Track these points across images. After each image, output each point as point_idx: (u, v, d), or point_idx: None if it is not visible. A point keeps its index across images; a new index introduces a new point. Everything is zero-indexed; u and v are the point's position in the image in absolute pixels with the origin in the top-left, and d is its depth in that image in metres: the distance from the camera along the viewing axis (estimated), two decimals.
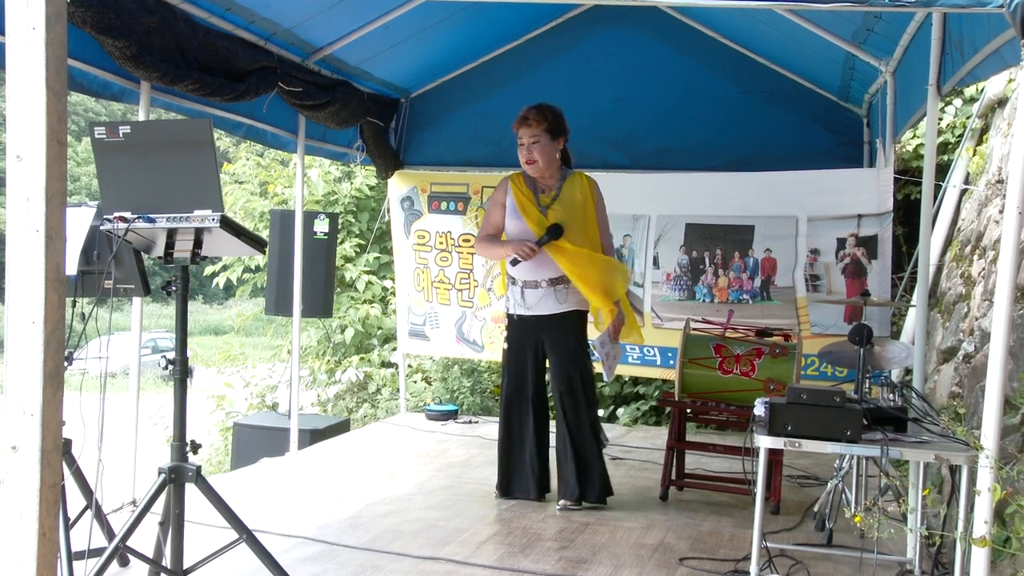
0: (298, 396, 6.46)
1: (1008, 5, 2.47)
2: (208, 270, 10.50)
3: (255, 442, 6.67)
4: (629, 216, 6.57)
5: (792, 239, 6.11)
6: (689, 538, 4.25)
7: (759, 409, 3.32)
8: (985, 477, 2.54)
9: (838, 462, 4.25)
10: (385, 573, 3.66)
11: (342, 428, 7.05)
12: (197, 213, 2.86)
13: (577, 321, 4.65)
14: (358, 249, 9.98)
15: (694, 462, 5.48)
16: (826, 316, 6.00)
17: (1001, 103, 6.08)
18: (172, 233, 2.94)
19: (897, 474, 4.94)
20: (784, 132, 6.39)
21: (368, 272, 9.78)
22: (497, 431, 4.83)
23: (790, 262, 6.13)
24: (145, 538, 3.09)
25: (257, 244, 3.11)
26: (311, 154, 6.99)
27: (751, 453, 3.28)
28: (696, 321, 5.22)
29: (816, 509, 4.47)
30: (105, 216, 2.92)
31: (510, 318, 4.73)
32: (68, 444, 3.10)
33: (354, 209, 10.21)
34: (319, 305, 7.14)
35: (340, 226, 9.59)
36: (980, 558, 2.56)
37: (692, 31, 6.48)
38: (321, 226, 7.04)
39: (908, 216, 7.05)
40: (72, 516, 3.18)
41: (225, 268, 10.37)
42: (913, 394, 3.61)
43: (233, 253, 7.39)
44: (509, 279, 4.72)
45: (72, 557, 2.97)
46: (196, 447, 3.04)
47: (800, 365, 4.79)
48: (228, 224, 2.90)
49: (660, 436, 6.11)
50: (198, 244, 2.95)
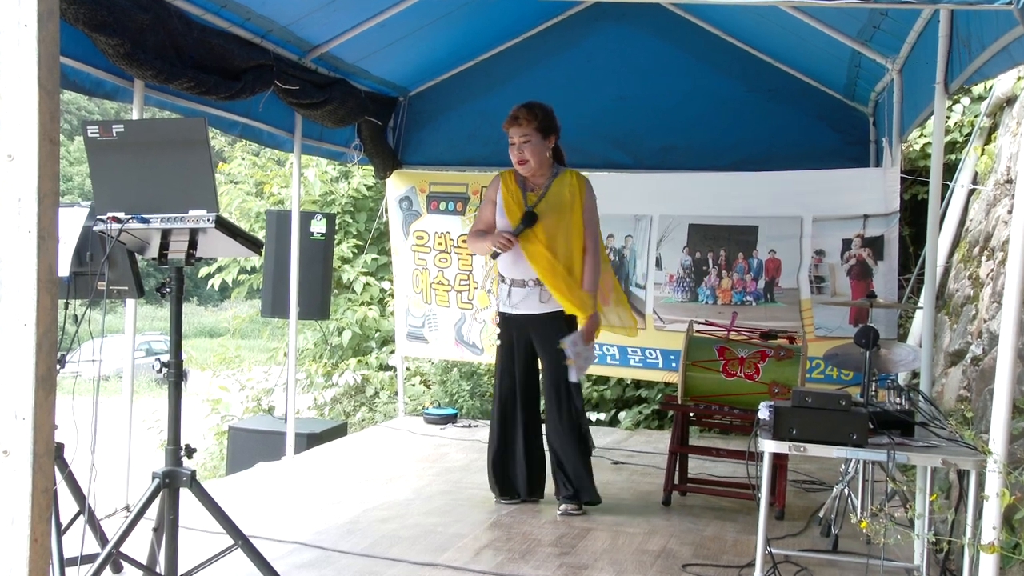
0: (294, 399, 6.46)
1: (1016, 2, 2.47)
2: (203, 271, 10.50)
3: (251, 446, 6.67)
4: (631, 216, 6.58)
5: (797, 240, 6.11)
6: (692, 544, 4.25)
7: (763, 413, 3.32)
8: (993, 482, 2.54)
9: (844, 467, 4.25)
10: None
11: (339, 432, 7.05)
12: (192, 213, 2.86)
13: (565, 321, 4.68)
14: (356, 250, 9.98)
15: (697, 466, 5.48)
16: (831, 318, 6.00)
17: (1010, 101, 6.08)
18: (166, 234, 2.94)
19: (904, 479, 4.94)
20: (789, 131, 6.39)
21: (366, 273, 9.78)
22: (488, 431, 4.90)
23: (794, 263, 6.12)
24: (139, 544, 3.09)
25: (253, 245, 3.12)
26: (308, 153, 7.00)
27: (755, 457, 3.27)
28: (699, 323, 5.22)
29: (821, 514, 4.47)
30: (98, 216, 2.92)
31: (500, 315, 4.82)
32: (60, 448, 3.09)
33: (351, 209, 10.22)
34: (316, 307, 7.14)
35: (337, 227, 9.58)
36: (989, 564, 2.56)
37: (696, 28, 6.49)
38: (318, 227, 7.04)
39: (915, 216, 7.05)
40: (64, 522, 3.17)
41: (220, 269, 10.37)
42: (920, 397, 3.61)
43: (229, 254, 7.42)
44: (499, 276, 4.81)
45: (65, 563, 2.97)
46: (191, 451, 3.04)
47: (805, 368, 4.79)
48: (223, 225, 2.90)
49: (663, 440, 6.11)
50: (193, 245, 2.96)
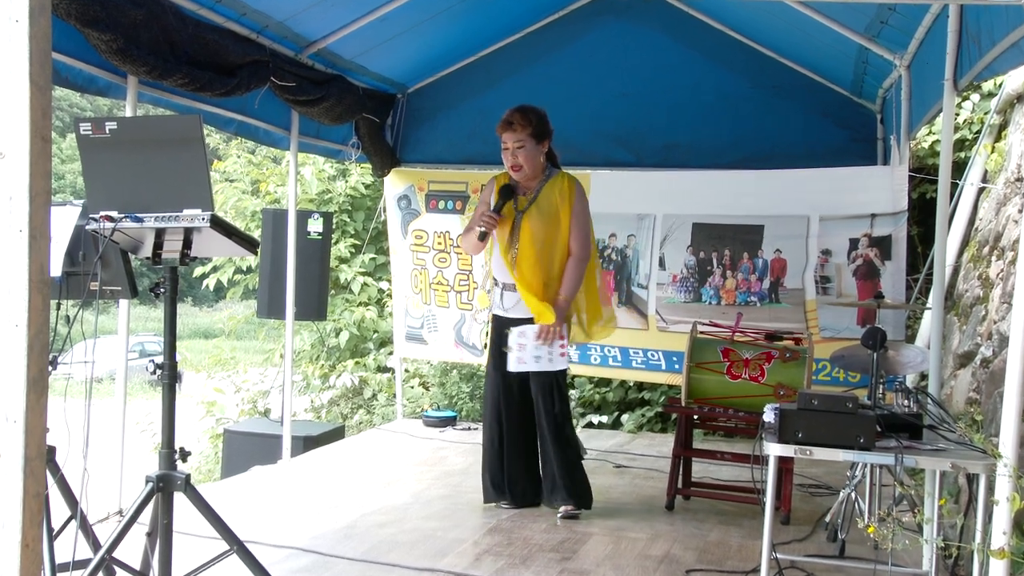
0: (291, 402, 6.46)
1: None
2: (198, 271, 10.50)
3: (246, 449, 6.67)
4: (634, 216, 6.58)
5: (803, 239, 6.11)
6: (696, 549, 4.25)
7: (769, 415, 3.32)
8: (1004, 486, 2.54)
9: (851, 470, 4.25)
10: None
11: (336, 435, 7.05)
12: (186, 212, 2.86)
13: None
14: (353, 250, 9.98)
15: (701, 470, 5.48)
16: (837, 319, 5.99)
17: (1020, 98, 6.08)
18: (160, 233, 2.94)
19: (912, 483, 4.94)
20: (795, 128, 6.39)
21: (364, 273, 9.78)
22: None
23: (800, 263, 6.12)
24: (132, 549, 3.09)
25: (249, 244, 3.11)
26: (304, 151, 7.01)
27: (760, 461, 3.28)
28: (703, 324, 5.22)
29: (828, 519, 4.47)
30: (91, 215, 2.91)
31: (493, 317, 4.88)
32: (52, 452, 3.09)
33: (349, 208, 10.21)
34: (313, 308, 7.14)
35: (335, 226, 9.57)
36: (999, 570, 2.55)
37: (699, 24, 6.49)
38: (315, 226, 7.04)
39: (923, 215, 7.05)
40: (56, 526, 3.17)
41: (216, 269, 10.37)
42: (929, 400, 3.61)
43: (224, 254, 7.42)
44: (492, 279, 4.86)
45: (56, 569, 2.96)
46: (185, 455, 3.04)
47: (811, 370, 4.79)
48: (219, 224, 2.90)
49: (666, 443, 6.11)
50: (187, 244, 2.95)
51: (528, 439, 4.81)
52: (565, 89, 6.61)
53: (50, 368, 2.74)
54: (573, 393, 7.79)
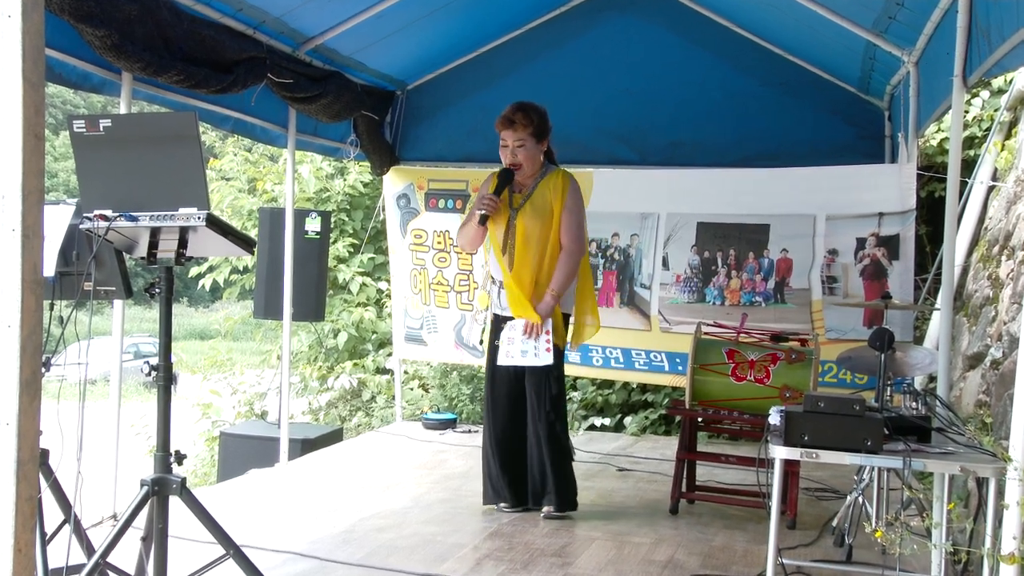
0: (288, 404, 6.46)
1: None
2: (194, 271, 10.51)
3: (243, 452, 6.67)
4: (637, 214, 6.57)
5: (809, 239, 6.10)
6: (700, 554, 4.25)
7: (774, 418, 3.32)
8: (1014, 490, 2.53)
9: (858, 474, 4.25)
10: None
11: (335, 438, 7.05)
12: (182, 211, 2.86)
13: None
14: (352, 249, 9.98)
15: (706, 473, 5.48)
16: (844, 320, 5.99)
17: None
18: (155, 232, 2.94)
19: (921, 487, 4.93)
20: (801, 126, 6.38)
21: (362, 273, 9.78)
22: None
23: (806, 263, 6.12)
24: (127, 554, 3.09)
25: (245, 244, 3.11)
26: (302, 149, 7.00)
27: (766, 464, 3.27)
28: (707, 325, 5.21)
29: (835, 524, 4.47)
30: (85, 214, 2.92)
31: (493, 316, 4.90)
32: (45, 455, 3.09)
33: (347, 207, 10.21)
34: (310, 308, 7.14)
35: (333, 225, 9.58)
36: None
37: (704, 19, 6.49)
38: (313, 225, 7.04)
39: (932, 214, 7.04)
40: (49, 531, 3.17)
41: (211, 269, 10.38)
42: (937, 402, 3.60)
43: (220, 253, 7.42)
44: (489, 278, 4.90)
45: (50, 574, 2.97)
46: (181, 458, 3.04)
47: (817, 371, 4.79)
48: (215, 223, 2.90)
49: (670, 446, 6.11)
50: (183, 244, 2.95)
51: (519, 439, 4.81)
52: (568, 86, 6.61)
53: (43, 370, 2.74)
54: (575, 395, 7.79)
